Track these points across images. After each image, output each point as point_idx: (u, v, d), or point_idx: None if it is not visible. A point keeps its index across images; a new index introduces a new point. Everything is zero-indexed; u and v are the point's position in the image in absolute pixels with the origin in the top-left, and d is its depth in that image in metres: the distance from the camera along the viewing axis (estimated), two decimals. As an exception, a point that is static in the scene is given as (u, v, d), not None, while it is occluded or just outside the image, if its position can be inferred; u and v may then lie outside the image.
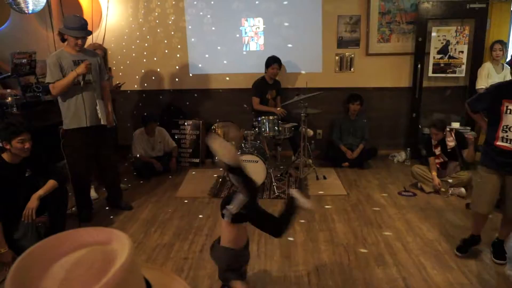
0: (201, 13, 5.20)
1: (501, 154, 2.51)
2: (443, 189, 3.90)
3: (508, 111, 2.45)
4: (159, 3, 5.19)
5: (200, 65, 5.37)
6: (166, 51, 5.33)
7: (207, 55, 5.32)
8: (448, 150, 3.93)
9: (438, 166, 4.00)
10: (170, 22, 5.24)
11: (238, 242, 2.04)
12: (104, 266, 0.59)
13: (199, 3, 5.17)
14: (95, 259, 0.61)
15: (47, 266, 0.60)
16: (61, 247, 0.63)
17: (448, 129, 3.96)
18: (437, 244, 2.97)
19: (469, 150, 3.61)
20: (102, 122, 3.40)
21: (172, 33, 5.27)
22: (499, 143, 2.52)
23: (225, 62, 5.32)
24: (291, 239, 3.07)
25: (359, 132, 5.00)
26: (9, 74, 3.83)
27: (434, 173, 3.94)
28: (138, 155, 4.73)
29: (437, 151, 3.99)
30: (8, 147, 2.71)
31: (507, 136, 2.48)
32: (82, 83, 3.22)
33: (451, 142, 3.90)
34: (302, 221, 3.40)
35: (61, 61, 3.21)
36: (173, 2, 5.17)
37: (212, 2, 5.16)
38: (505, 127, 2.48)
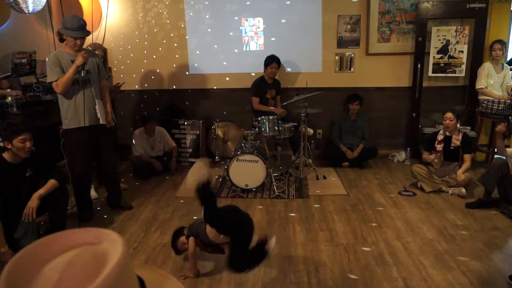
0: (200, 12, 5.20)
1: None
2: (438, 181, 3.96)
3: None
4: (159, 3, 5.18)
5: (199, 65, 5.37)
6: (166, 50, 5.32)
7: (207, 55, 5.31)
8: (451, 148, 3.94)
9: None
10: (169, 22, 5.24)
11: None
12: (97, 266, 0.58)
13: (198, 3, 5.17)
14: (88, 259, 0.60)
15: (38, 268, 0.60)
16: (51, 249, 0.62)
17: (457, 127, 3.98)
18: (437, 244, 2.97)
19: (465, 174, 3.82)
20: (101, 122, 3.41)
21: (172, 33, 5.26)
22: None
23: (225, 62, 5.32)
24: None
25: (359, 132, 5.00)
26: (9, 74, 3.84)
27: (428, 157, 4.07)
28: (138, 155, 4.73)
29: (439, 147, 3.98)
30: (9, 146, 2.73)
31: None
32: (83, 72, 3.23)
33: (457, 141, 3.91)
34: (301, 230, 3.40)
35: (60, 60, 3.22)
36: (173, 2, 5.17)
37: (212, 2, 5.16)
38: None
